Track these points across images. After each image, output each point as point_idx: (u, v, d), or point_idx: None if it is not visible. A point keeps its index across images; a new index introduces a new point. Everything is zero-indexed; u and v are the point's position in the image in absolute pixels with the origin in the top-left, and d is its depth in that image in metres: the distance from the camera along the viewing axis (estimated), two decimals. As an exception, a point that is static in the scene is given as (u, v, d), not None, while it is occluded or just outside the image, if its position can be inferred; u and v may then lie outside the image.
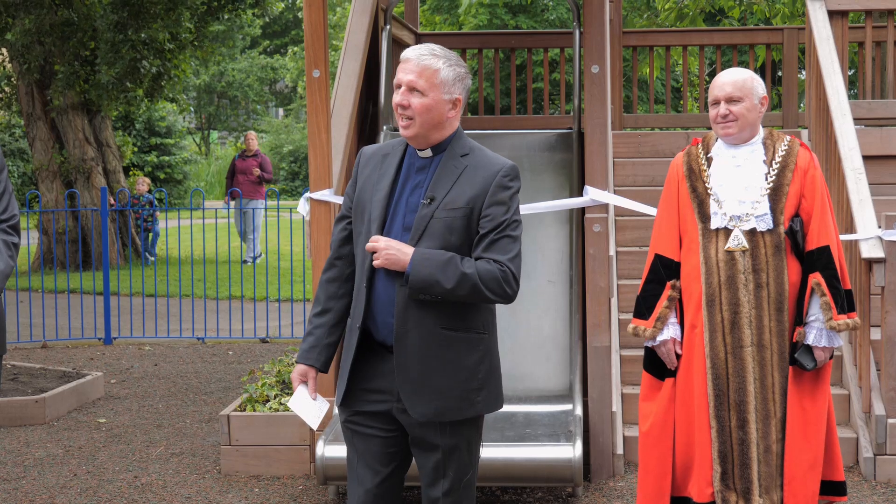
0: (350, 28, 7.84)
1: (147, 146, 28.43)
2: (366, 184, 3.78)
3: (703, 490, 4.64)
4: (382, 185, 3.75)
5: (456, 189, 3.68)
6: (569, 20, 24.01)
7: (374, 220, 3.71)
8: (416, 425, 3.73)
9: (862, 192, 6.71)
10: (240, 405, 6.63)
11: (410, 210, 3.71)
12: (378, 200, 3.73)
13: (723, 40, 10.80)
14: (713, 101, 4.67)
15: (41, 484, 6.36)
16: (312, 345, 3.84)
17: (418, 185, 3.73)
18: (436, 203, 3.67)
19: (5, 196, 4.32)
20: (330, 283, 3.85)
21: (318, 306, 3.86)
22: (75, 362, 10.09)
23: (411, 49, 3.76)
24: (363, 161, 3.86)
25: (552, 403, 6.35)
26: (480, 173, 3.70)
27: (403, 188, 3.75)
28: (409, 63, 3.69)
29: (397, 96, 3.71)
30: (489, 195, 3.68)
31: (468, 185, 3.69)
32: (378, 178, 3.77)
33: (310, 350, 3.84)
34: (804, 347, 4.58)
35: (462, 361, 3.70)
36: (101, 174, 16.87)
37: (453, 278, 3.59)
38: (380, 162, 3.81)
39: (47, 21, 15.22)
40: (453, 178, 3.70)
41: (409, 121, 3.68)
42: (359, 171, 3.84)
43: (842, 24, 8.25)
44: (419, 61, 3.68)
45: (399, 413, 3.75)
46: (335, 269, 3.85)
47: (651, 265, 4.77)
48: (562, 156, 7.65)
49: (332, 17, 33.40)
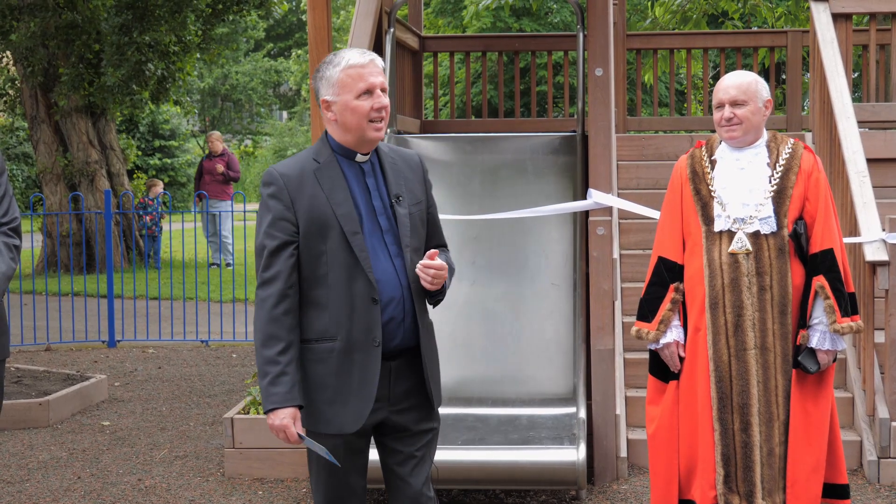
0: (354, 31, 7.84)
1: (151, 149, 28.47)
2: (313, 202, 3.67)
3: (706, 493, 4.64)
4: (339, 197, 3.68)
5: (407, 184, 3.82)
6: (572, 23, 24.01)
7: (352, 233, 3.65)
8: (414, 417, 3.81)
9: (866, 195, 6.71)
10: (243, 408, 6.64)
11: (380, 213, 3.74)
12: (346, 214, 3.66)
13: (726, 43, 10.80)
14: (717, 105, 4.67)
15: (45, 487, 6.36)
16: (291, 384, 3.62)
17: (374, 189, 3.76)
18: (404, 200, 3.76)
19: (6, 199, 4.36)
20: (286, 315, 3.64)
21: (278, 343, 3.62)
22: (79, 365, 10.09)
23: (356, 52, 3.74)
24: (291, 182, 3.68)
25: (556, 406, 6.35)
26: (410, 165, 3.88)
27: (359, 195, 3.74)
28: (373, 65, 3.71)
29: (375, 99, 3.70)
30: (425, 183, 3.88)
31: (412, 179, 3.84)
32: (328, 192, 3.68)
33: (291, 390, 3.61)
34: (807, 350, 4.57)
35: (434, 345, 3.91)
36: (105, 177, 16.89)
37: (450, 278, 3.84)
38: (313, 178, 3.70)
39: (52, 24, 15.24)
40: (400, 174, 3.82)
41: (381, 123, 3.73)
42: (291, 194, 3.66)
43: (846, 26, 8.24)
44: (378, 62, 3.74)
45: (395, 414, 3.78)
46: (289, 299, 3.65)
47: (654, 268, 4.77)
48: (565, 159, 7.65)
49: (335, 19, 33.43)
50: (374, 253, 3.69)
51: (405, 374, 3.78)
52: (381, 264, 3.69)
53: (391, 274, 3.70)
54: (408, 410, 3.80)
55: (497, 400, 6.40)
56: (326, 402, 3.70)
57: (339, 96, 3.70)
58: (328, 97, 3.73)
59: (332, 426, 3.70)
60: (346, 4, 35.61)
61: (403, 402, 3.79)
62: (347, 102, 3.70)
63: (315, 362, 3.71)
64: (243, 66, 42.38)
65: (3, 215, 4.34)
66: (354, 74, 3.69)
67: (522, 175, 7.55)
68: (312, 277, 3.69)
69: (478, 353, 6.63)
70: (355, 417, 3.68)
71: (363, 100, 3.69)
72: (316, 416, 3.72)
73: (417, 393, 3.81)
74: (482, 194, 7.38)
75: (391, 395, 3.75)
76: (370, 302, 3.65)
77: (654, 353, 4.79)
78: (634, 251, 7.97)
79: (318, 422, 3.72)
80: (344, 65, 3.70)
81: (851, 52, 8.51)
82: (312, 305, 3.70)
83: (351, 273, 3.65)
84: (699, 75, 16.99)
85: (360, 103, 3.69)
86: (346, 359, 3.68)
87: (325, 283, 3.67)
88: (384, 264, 3.70)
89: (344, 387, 3.69)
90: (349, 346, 3.67)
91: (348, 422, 3.69)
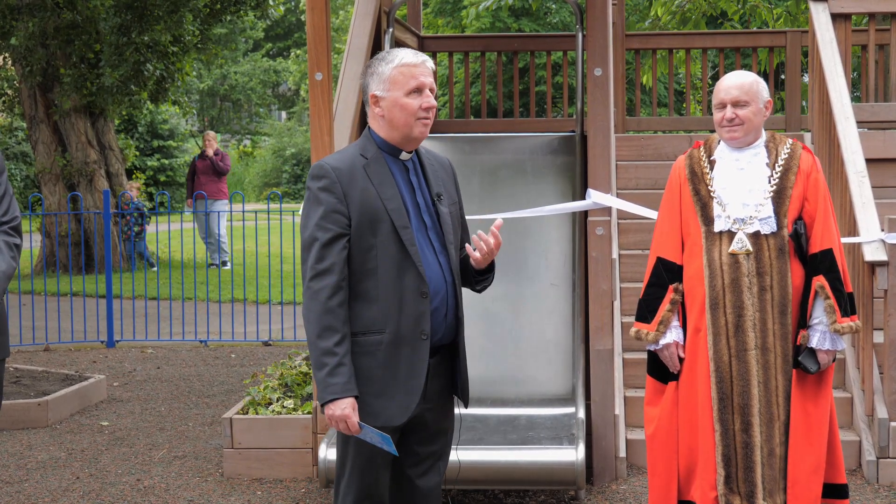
0: (353, 31, 7.84)
1: (149, 149, 28.45)
2: (364, 196, 3.73)
3: (706, 494, 4.63)
4: (389, 193, 3.75)
5: (444, 184, 3.92)
6: (571, 23, 24.01)
7: (403, 227, 3.72)
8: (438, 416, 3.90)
9: (865, 195, 6.71)
10: (242, 408, 6.63)
11: (423, 210, 3.82)
12: (396, 209, 3.74)
13: (725, 43, 10.80)
14: (719, 105, 4.66)
15: (43, 487, 6.36)
16: (349, 375, 3.66)
17: (417, 187, 3.84)
18: (445, 199, 3.86)
19: (6, 198, 4.37)
20: (341, 307, 3.69)
21: (335, 334, 3.66)
22: (78, 365, 10.09)
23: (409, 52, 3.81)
24: (343, 176, 3.75)
25: (555, 406, 6.35)
26: (444, 167, 3.99)
27: (408, 191, 3.82)
28: (424, 66, 3.78)
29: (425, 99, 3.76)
30: (456, 185, 3.98)
31: (447, 180, 3.95)
32: (377, 187, 3.74)
33: (349, 381, 3.65)
34: (807, 350, 4.57)
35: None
36: (104, 177, 16.87)
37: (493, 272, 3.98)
38: (363, 172, 3.76)
39: (51, 24, 15.23)
40: (437, 174, 3.91)
41: (429, 122, 3.80)
42: (344, 187, 3.73)
43: (845, 27, 8.24)
44: (429, 63, 3.81)
45: (426, 412, 3.84)
46: (343, 291, 3.70)
47: (653, 268, 4.76)
48: (564, 159, 7.65)
49: (334, 19, 33.43)
50: (420, 248, 3.76)
51: (441, 372, 3.86)
52: (428, 259, 3.77)
53: (437, 269, 3.78)
54: (436, 409, 3.88)
55: (496, 400, 6.40)
56: (374, 394, 3.74)
57: (390, 92, 3.76)
58: (378, 92, 3.78)
59: (379, 419, 3.73)
60: (346, 4, 35.61)
61: (436, 401, 3.86)
62: (397, 99, 3.75)
63: (362, 355, 3.74)
64: (242, 66, 42.39)
65: (4, 214, 4.35)
66: (406, 72, 3.75)
67: (521, 175, 7.55)
68: (361, 270, 3.74)
69: (477, 354, 6.62)
70: (402, 410, 3.72)
71: (413, 98, 3.75)
72: (363, 408, 3.73)
73: (447, 392, 3.92)
74: (481, 194, 7.38)
75: (427, 392, 3.79)
76: (419, 295, 3.71)
77: (653, 354, 4.79)
78: (633, 251, 7.97)
79: (366, 414, 3.74)
80: (397, 62, 3.77)
81: (850, 52, 8.51)
82: (360, 298, 3.74)
83: (401, 266, 3.71)
84: (698, 75, 16.99)
85: (410, 101, 3.75)
86: (394, 352, 3.72)
87: (374, 276, 3.72)
88: (430, 259, 3.78)
89: (391, 379, 3.73)
90: (397, 339, 3.72)
91: (395, 415, 3.73)
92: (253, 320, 11.76)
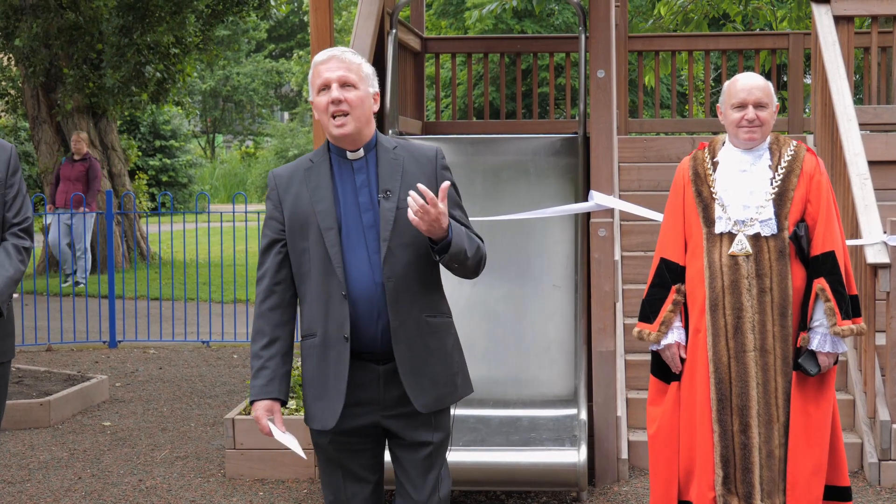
0: (356, 32, 7.84)
1: (152, 149, 28.47)
2: (297, 201, 3.71)
3: (704, 494, 4.64)
4: (321, 194, 3.70)
5: (407, 178, 3.71)
6: (574, 25, 24.01)
7: (327, 229, 3.65)
8: (405, 426, 3.73)
9: (867, 198, 6.71)
10: (244, 409, 6.64)
11: (364, 209, 3.69)
12: (323, 210, 3.67)
13: (728, 45, 10.80)
14: (739, 105, 4.62)
15: (46, 487, 6.36)
16: (270, 378, 3.68)
17: (363, 185, 3.71)
18: (395, 195, 3.68)
19: (18, 198, 4.26)
20: (272, 311, 3.72)
21: (263, 338, 3.71)
22: (80, 365, 10.10)
23: (325, 51, 3.77)
24: (282, 182, 3.76)
25: (557, 408, 6.35)
26: (420, 160, 3.77)
27: (345, 192, 3.71)
28: (333, 61, 3.70)
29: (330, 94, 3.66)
30: (438, 178, 3.75)
31: (416, 173, 3.73)
32: (311, 190, 3.71)
33: (268, 384, 3.68)
34: (808, 352, 4.57)
35: (444, 347, 3.78)
36: (107, 177, 16.89)
37: (471, 248, 3.70)
38: (304, 177, 3.75)
39: (54, 25, 15.24)
40: (398, 169, 3.73)
41: (344, 118, 3.66)
42: (280, 194, 3.75)
43: (847, 29, 8.24)
44: (343, 57, 3.71)
45: (387, 420, 3.73)
46: (275, 296, 3.73)
47: (656, 269, 4.77)
48: (567, 160, 7.65)
49: (337, 21, 33.46)
50: (350, 249, 3.66)
51: (397, 379, 3.70)
52: (356, 260, 3.66)
53: (364, 271, 3.65)
54: (400, 417, 3.73)
55: (498, 401, 6.40)
56: (312, 397, 3.74)
57: (312, 96, 3.76)
58: (310, 98, 3.79)
59: (316, 422, 3.73)
60: (349, 5, 35.65)
61: (397, 408, 3.72)
62: (314, 102, 3.74)
63: (304, 358, 3.77)
64: (245, 66, 42.41)
65: (15, 215, 4.25)
66: (315, 72, 3.73)
67: (524, 177, 7.55)
68: (298, 274, 3.73)
69: (479, 355, 6.62)
70: (331, 414, 3.68)
71: (322, 95, 3.70)
72: (306, 411, 3.77)
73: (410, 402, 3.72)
74: (484, 196, 7.38)
75: (382, 400, 3.71)
76: (341, 297, 3.63)
77: (656, 354, 4.80)
78: (636, 253, 7.97)
79: (308, 417, 3.75)
80: (312, 65, 3.77)
81: (853, 54, 8.51)
82: (301, 301, 3.76)
83: (326, 269, 3.65)
84: (700, 77, 16.99)
85: (319, 99, 3.71)
86: (324, 354, 3.69)
87: (308, 278, 3.70)
88: (359, 260, 3.66)
89: (324, 383, 3.70)
90: (325, 342, 3.68)
91: (327, 418, 3.69)
92: (255, 321, 11.73)
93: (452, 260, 3.62)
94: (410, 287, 3.68)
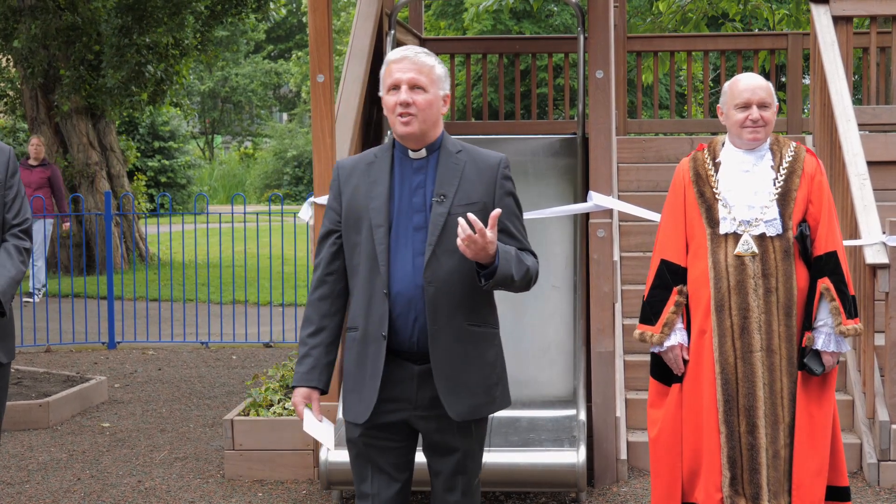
0: (354, 33, 7.84)
1: (150, 150, 28.45)
2: (355, 194, 3.75)
3: (711, 496, 4.63)
4: (377, 191, 3.72)
5: (464, 184, 3.72)
6: (573, 25, 24.02)
7: (377, 226, 3.68)
8: (435, 430, 3.74)
9: (866, 198, 6.71)
10: (243, 410, 6.64)
11: (416, 210, 3.70)
12: (377, 207, 3.70)
13: (727, 45, 10.80)
14: (742, 105, 4.62)
15: (45, 488, 6.36)
16: (312, 366, 3.76)
17: (419, 186, 3.73)
18: (448, 200, 3.68)
19: (17, 200, 4.29)
20: (322, 301, 3.80)
21: (310, 326, 3.79)
22: (79, 366, 10.09)
23: (400, 50, 3.77)
24: (344, 174, 3.82)
25: (556, 409, 6.34)
26: (482, 167, 3.76)
27: (402, 191, 3.73)
28: (405, 62, 3.71)
29: (399, 95, 3.69)
30: (498, 187, 3.75)
31: (475, 180, 3.73)
32: (369, 185, 3.74)
33: (310, 372, 3.76)
34: (812, 352, 4.57)
35: (484, 357, 3.77)
36: (105, 178, 16.89)
37: (520, 272, 3.69)
38: (364, 171, 3.78)
39: (53, 26, 15.24)
40: (457, 174, 3.73)
41: (410, 117, 3.68)
42: (341, 185, 3.80)
43: (846, 29, 8.25)
44: (416, 59, 3.71)
45: (418, 420, 3.74)
46: (326, 286, 3.80)
47: (657, 271, 4.75)
48: (566, 161, 7.64)
49: (336, 21, 33.45)
50: (396, 248, 3.68)
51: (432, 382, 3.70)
52: (401, 260, 3.68)
53: (407, 271, 3.67)
54: (431, 419, 3.74)
55: (497, 402, 6.39)
56: (348, 390, 3.78)
57: (382, 92, 3.78)
58: (380, 94, 3.80)
59: (349, 414, 3.77)
60: (347, 6, 35.65)
61: (429, 410, 3.73)
62: (383, 98, 3.76)
63: (346, 350, 3.81)
64: (243, 67, 42.40)
65: (15, 216, 4.28)
66: (387, 70, 3.75)
67: (523, 177, 7.54)
68: (350, 267, 3.78)
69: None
70: (364, 408, 3.70)
71: (391, 95, 3.72)
72: (343, 402, 3.81)
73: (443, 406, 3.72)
74: (483, 196, 7.36)
75: (415, 399, 3.72)
76: (383, 295, 3.66)
77: (656, 356, 4.78)
78: (635, 253, 7.97)
79: (344, 408, 3.80)
80: (386, 61, 3.78)
81: (852, 54, 8.51)
82: (351, 294, 3.80)
83: (372, 265, 3.68)
84: (699, 77, 16.99)
85: (388, 98, 3.73)
86: (363, 350, 3.73)
87: (357, 273, 3.74)
88: (404, 261, 3.67)
89: (360, 377, 3.73)
90: (365, 338, 3.71)
91: (360, 412, 3.72)
92: (254, 322, 11.76)
93: (497, 285, 3.64)
94: (452, 293, 3.68)
